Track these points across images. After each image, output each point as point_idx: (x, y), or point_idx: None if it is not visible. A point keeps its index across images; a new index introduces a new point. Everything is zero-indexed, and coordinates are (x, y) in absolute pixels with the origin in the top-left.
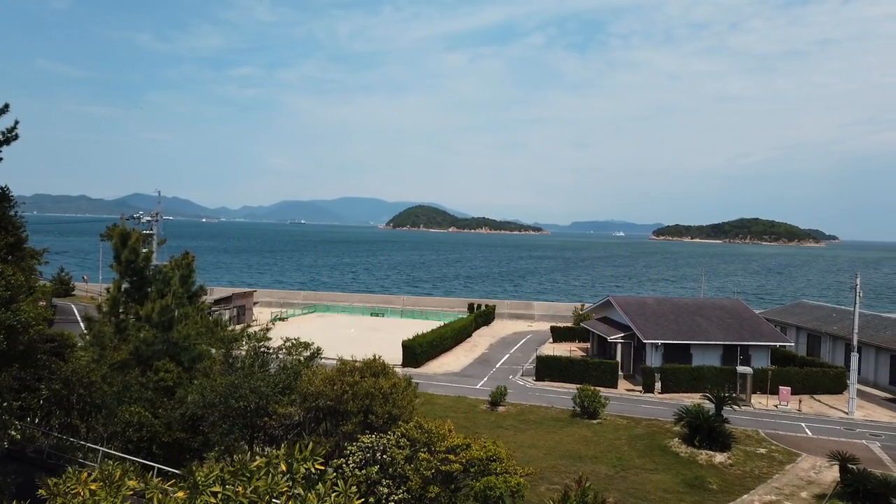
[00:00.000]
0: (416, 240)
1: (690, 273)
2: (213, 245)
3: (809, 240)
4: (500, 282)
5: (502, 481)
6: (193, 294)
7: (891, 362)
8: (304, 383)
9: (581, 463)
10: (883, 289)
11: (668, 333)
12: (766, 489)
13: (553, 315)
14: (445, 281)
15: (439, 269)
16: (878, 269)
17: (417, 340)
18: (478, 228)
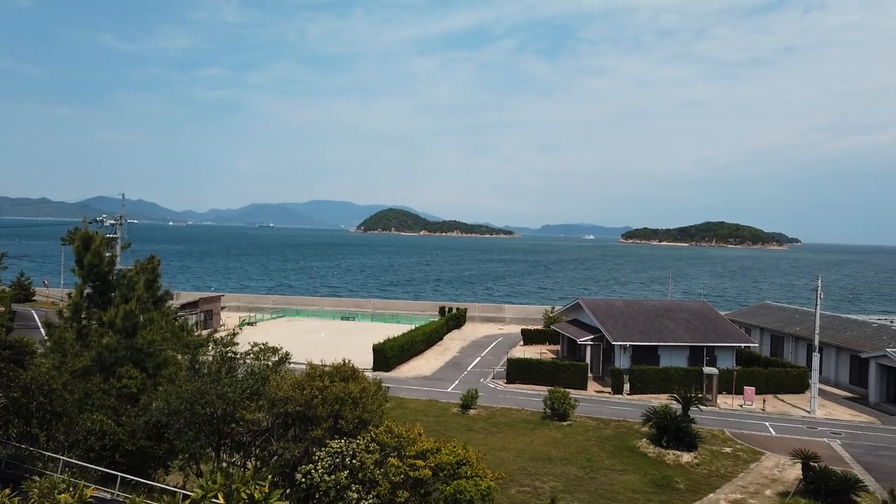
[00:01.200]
0: (387, 243)
1: (658, 276)
2: (179, 249)
3: (773, 243)
4: (472, 285)
5: (472, 485)
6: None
7: (851, 362)
8: (273, 388)
9: (551, 465)
10: (843, 291)
11: (637, 335)
12: (731, 488)
13: (524, 318)
14: (416, 284)
15: (410, 273)
16: (839, 271)
17: (388, 344)
18: (449, 232)
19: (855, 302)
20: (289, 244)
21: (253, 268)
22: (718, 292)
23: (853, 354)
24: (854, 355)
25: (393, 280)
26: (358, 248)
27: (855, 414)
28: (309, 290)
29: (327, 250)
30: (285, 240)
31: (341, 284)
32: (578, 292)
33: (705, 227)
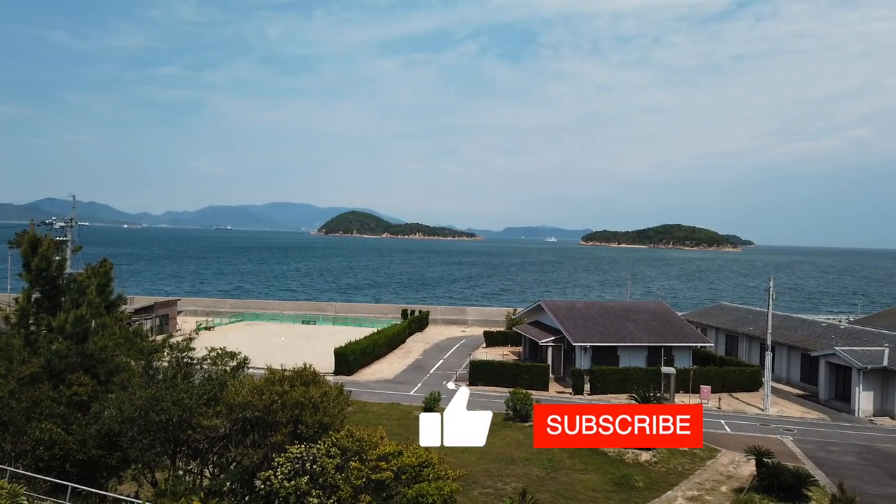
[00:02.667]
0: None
1: (617, 277)
2: (134, 252)
3: (728, 245)
4: (434, 288)
5: (434, 488)
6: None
7: (802, 361)
8: (231, 394)
9: (513, 465)
10: (794, 291)
11: (597, 336)
12: (688, 485)
13: (486, 320)
14: (378, 287)
15: (372, 276)
16: (791, 272)
17: (350, 348)
18: (411, 234)
19: (805, 302)
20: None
21: (209, 271)
22: (675, 293)
23: (804, 353)
24: (805, 354)
25: (354, 283)
26: (319, 250)
27: (806, 411)
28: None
29: (287, 253)
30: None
31: (300, 288)
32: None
33: (663, 230)
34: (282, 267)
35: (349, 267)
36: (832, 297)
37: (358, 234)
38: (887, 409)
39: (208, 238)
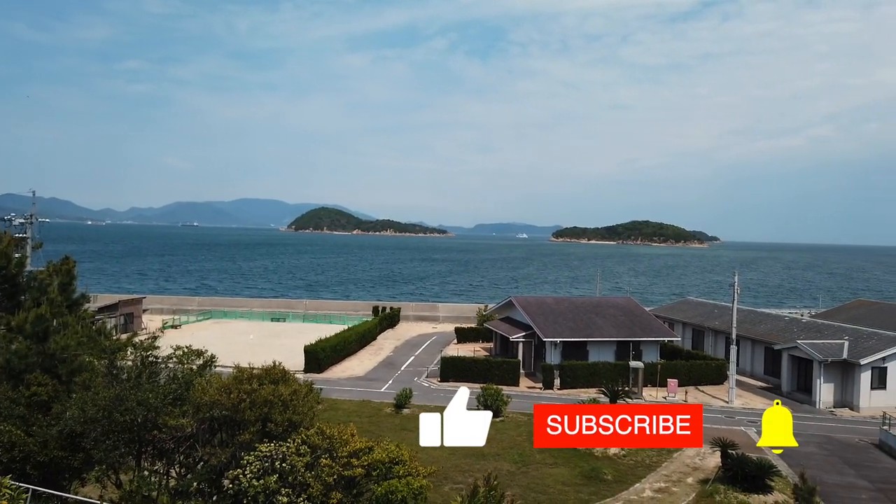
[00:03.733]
0: (319, 242)
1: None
2: (97, 249)
3: (694, 241)
4: (405, 284)
5: (405, 484)
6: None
7: (765, 354)
8: (198, 393)
9: (484, 461)
10: (759, 286)
11: (567, 332)
12: (656, 477)
13: (457, 316)
14: (348, 284)
15: (343, 273)
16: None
17: (320, 345)
18: (382, 231)
19: (769, 297)
20: (214, 244)
21: (174, 269)
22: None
23: (767, 346)
24: (768, 347)
25: (324, 280)
26: (288, 247)
27: (769, 403)
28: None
29: (255, 250)
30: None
31: (269, 286)
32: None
33: (631, 226)
34: (250, 264)
35: (319, 264)
36: (795, 292)
37: (328, 230)
38: (847, 401)
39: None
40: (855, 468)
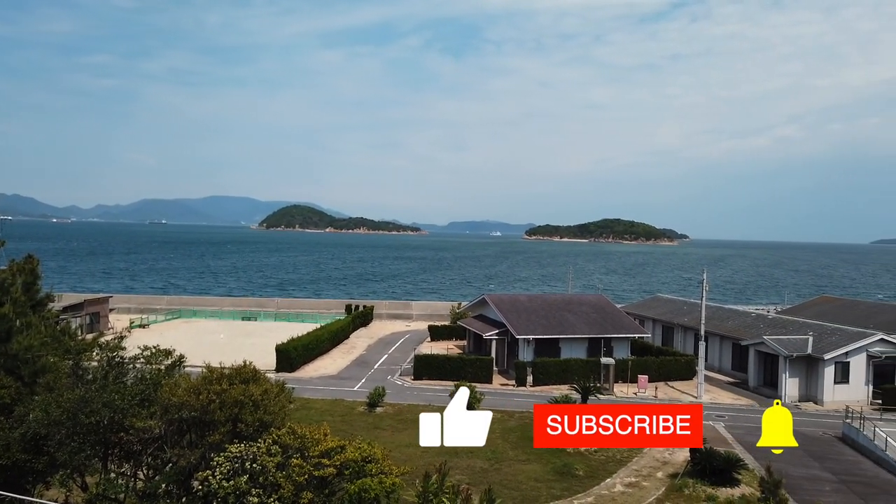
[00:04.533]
0: (291, 240)
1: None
2: (61, 247)
3: (665, 239)
4: (379, 282)
5: (377, 482)
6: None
7: (733, 349)
8: (166, 394)
9: (457, 458)
10: (727, 283)
11: (539, 329)
12: (626, 472)
13: (431, 314)
14: (321, 282)
15: (315, 271)
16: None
17: (292, 344)
18: (356, 228)
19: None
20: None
21: (141, 267)
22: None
23: (735, 342)
24: (736, 343)
25: (296, 278)
26: (259, 245)
27: (736, 398)
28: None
29: (225, 248)
30: (178, 237)
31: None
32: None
33: (603, 224)
34: (220, 262)
35: (291, 262)
36: (762, 288)
37: (300, 228)
38: (811, 395)
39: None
40: (819, 461)
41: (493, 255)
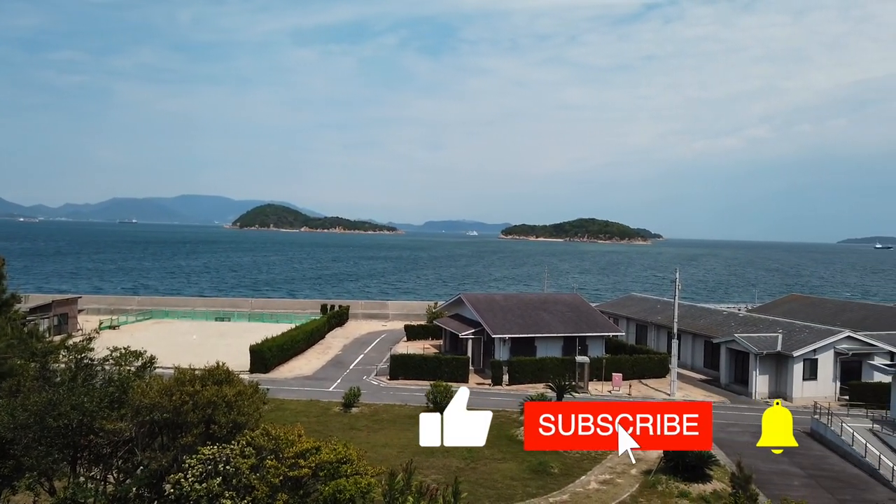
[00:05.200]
0: (266, 240)
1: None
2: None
3: (638, 238)
4: (355, 282)
5: (352, 483)
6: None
7: (705, 347)
8: (137, 396)
9: (433, 458)
10: (699, 282)
11: (515, 328)
12: (601, 469)
13: (407, 314)
14: (296, 282)
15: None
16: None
17: (267, 344)
18: (331, 228)
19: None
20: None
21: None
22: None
23: (707, 340)
24: (708, 341)
25: (270, 278)
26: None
27: (708, 395)
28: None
29: (197, 248)
30: (149, 237)
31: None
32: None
33: (578, 224)
34: (192, 262)
35: (265, 262)
36: (733, 287)
37: (275, 228)
38: (781, 391)
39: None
40: (788, 456)
41: (469, 255)
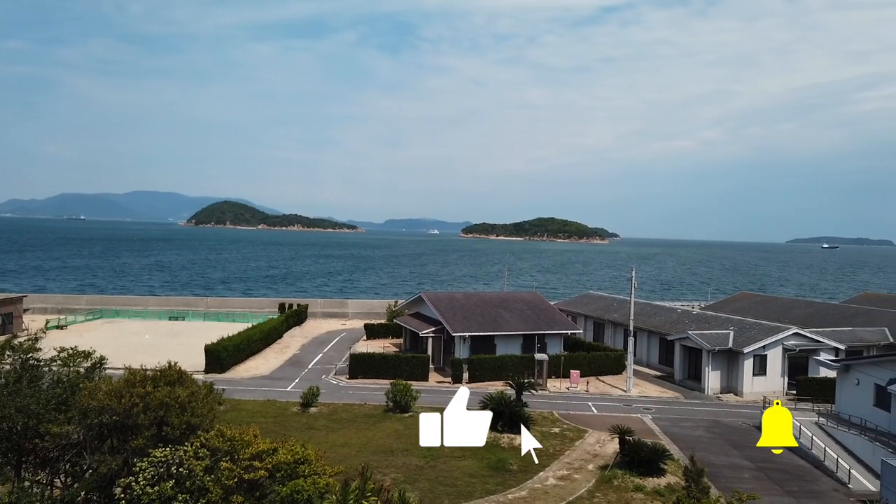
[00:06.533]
0: (222, 238)
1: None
2: None
3: (596, 237)
4: (314, 280)
5: (310, 483)
6: None
7: (660, 344)
8: (85, 398)
9: (393, 457)
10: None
11: (475, 326)
12: (559, 465)
13: (367, 312)
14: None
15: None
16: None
17: (223, 344)
18: (290, 226)
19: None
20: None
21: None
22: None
23: (662, 337)
24: (663, 338)
25: (225, 276)
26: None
27: (663, 391)
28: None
29: (150, 245)
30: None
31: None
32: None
33: (538, 223)
34: (144, 260)
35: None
36: (686, 285)
37: (232, 225)
38: (732, 387)
39: (57, 229)
40: (738, 449)
41: (429, 253)
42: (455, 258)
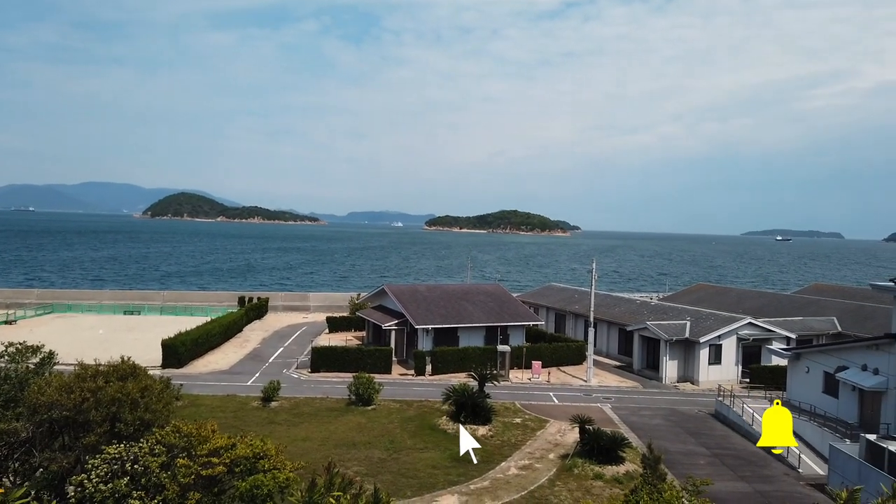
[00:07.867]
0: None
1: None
2: None
3: (558, 230)
4: (274, 273)
5: (270, 478)
6: None
7: (619, 335)
8: (34, 394)
9: (355, 450)
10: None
11: (438, 318)
12: (520, 455)
13: (329, 305)
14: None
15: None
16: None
17: (180, 339)
18: (250, 218)
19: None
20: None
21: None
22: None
23: (621, 328)
24: (622, 329)
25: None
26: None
27: (622, 380)
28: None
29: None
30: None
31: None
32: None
33: (501, 216)
34: (96, 253)
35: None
36: (645, 277)
37: (189, 217)
38: (688, 376)
39: (3, 221)
40: (694, 436)
41: (392, 246)
42: (418, 251)
